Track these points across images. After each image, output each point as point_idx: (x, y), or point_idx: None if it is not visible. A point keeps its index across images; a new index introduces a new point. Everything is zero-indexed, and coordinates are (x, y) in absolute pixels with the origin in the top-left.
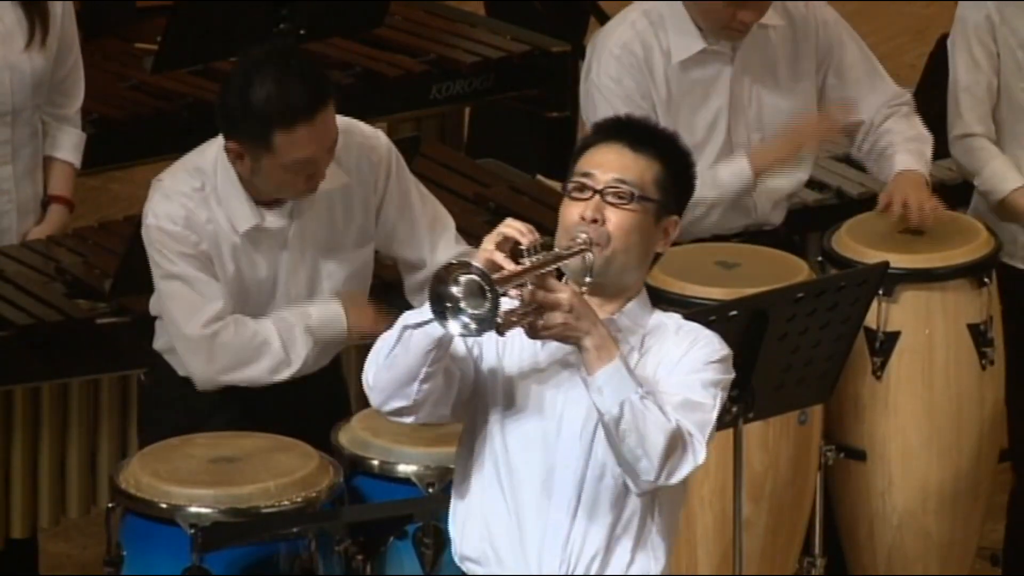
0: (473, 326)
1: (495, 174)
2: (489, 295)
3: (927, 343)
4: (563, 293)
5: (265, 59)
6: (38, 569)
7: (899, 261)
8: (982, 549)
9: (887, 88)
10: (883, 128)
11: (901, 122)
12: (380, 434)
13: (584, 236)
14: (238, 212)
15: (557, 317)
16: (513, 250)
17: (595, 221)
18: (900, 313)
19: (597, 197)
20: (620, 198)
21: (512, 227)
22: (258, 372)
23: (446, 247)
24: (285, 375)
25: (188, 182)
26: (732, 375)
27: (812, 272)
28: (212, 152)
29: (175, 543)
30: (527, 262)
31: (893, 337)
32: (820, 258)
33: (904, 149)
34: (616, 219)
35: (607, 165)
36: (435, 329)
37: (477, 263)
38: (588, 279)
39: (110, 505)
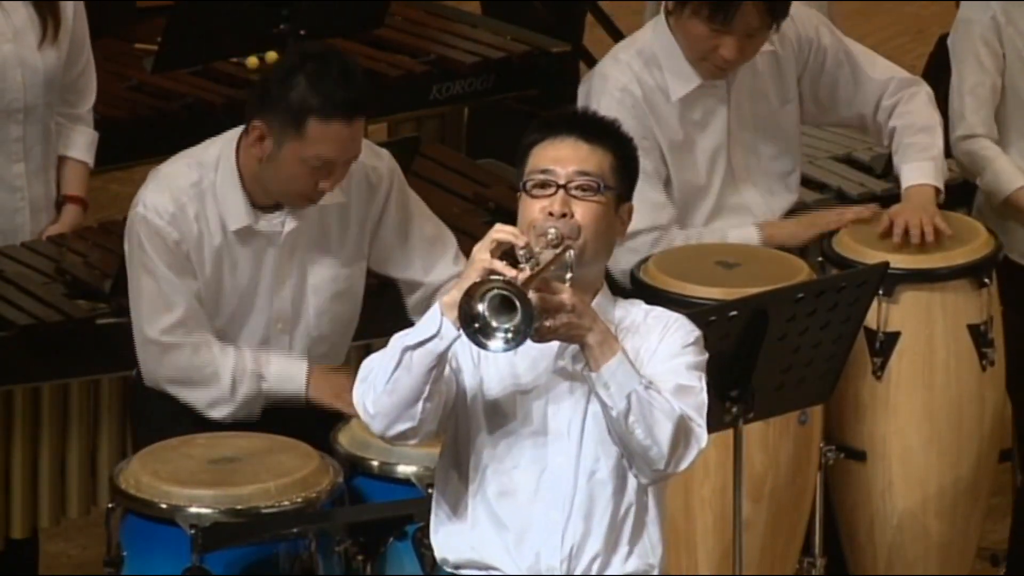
0: (511, 337)
1: (495, 174)
2: (519, 304)
3: (927, 343)
4: (565, 294)
5: (325, 52)
6: (38, 569)
7: (899, 261)
8: (982, 549)
9: (876, 81)
10: (891, 121)
11: (905, 112)
12: None
13: (554, 231)
14: (232, 209)
15: (562, 318)
16: (505, 255)
17: (564, 215)
18: (900, 313)
19: (562, 192)
20: (585, 190)
21: (505, 232)
22: (196, 398)
23: (444, 268)
24: (222, 412)
25: (186, 175)
26: (707, 355)
27: (812, 272)
28: (216, 149)
29: (175, 543)
30: (525, 266)
31: (893, 337)
32: (820, 258)
33: (912, 157)
34: (583, 211)
35: (565, 159)
36: (437, 345)
37: (481, 275)
38: (569, 275)
39: (110, 505)
